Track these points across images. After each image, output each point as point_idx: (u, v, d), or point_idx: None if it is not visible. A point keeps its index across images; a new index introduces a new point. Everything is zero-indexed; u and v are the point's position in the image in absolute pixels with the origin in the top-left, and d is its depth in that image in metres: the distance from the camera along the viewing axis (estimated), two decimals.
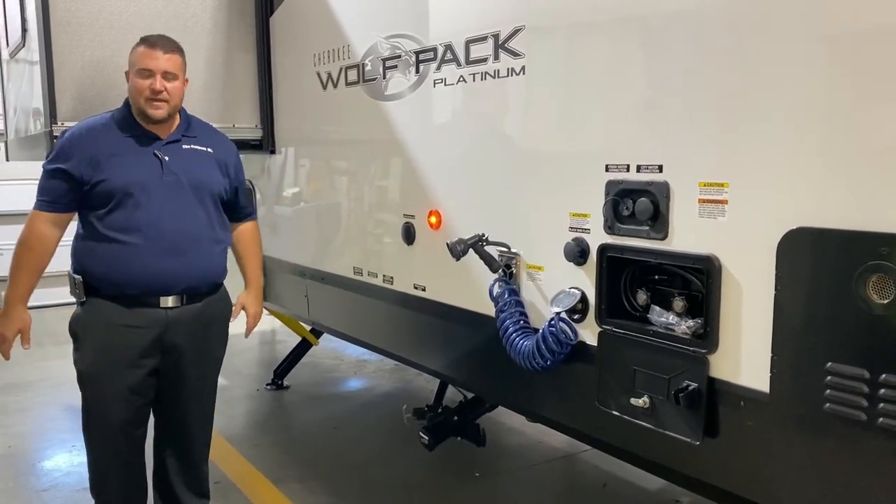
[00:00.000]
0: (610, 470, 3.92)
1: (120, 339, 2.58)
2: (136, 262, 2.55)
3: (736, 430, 1.72)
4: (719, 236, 1.70)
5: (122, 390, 2.63)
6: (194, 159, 2.70)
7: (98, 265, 2.57)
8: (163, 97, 2.56)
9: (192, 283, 2.67)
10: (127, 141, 2.60)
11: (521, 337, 2.16)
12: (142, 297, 2.59)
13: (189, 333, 2.69)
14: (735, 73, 1.66)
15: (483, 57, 2.31)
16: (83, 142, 2.57)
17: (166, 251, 2.59)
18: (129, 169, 2.56)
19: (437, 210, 2.60)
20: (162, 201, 2.58)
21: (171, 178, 2.60)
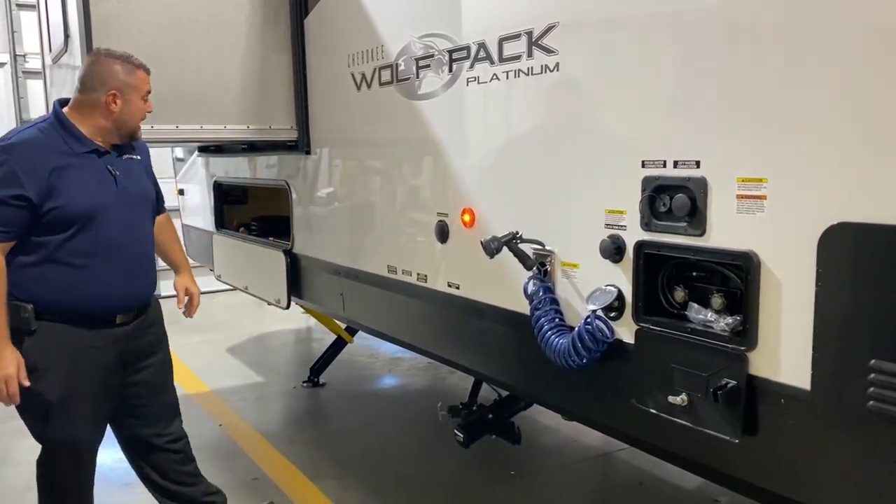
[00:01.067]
0: (646, 469, 3.90)
1: (88, 362, 2.53)
2: (99, 286, 2.53)
3: (776, 428, 1.70)
4: (758, 232, 1.67)
5: (93, 413, 2.65)
6: (134, 170, 2.72)
7: (54, 291, 2.47)
8: None
9: (147, 297, 2.76)
10: (81, 159, 2.50)
11: (557, 335, 2.15)
12: (101, 317, 2.58)
13: (143, 342, 2.76)
14: (774, 66, 1.63)
15: (516, 54, 2.30)
16: (36, 163, 2.40)
17: (125, 271, 2.61)
18: (89, 190, 2.49)
19: (471, 208, 2.60)
20: (118, 220, 2.57)
21: (123, 195, 2.60)
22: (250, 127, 3.56)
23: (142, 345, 2.75)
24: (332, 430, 4.69)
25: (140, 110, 2.62)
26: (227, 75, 3.46)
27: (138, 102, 2.60)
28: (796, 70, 1.59)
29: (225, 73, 3.45)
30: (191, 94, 3.38)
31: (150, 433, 2.87)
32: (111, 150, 2.61)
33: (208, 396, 5.24)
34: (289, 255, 3.96)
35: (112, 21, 3.19)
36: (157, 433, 2.88)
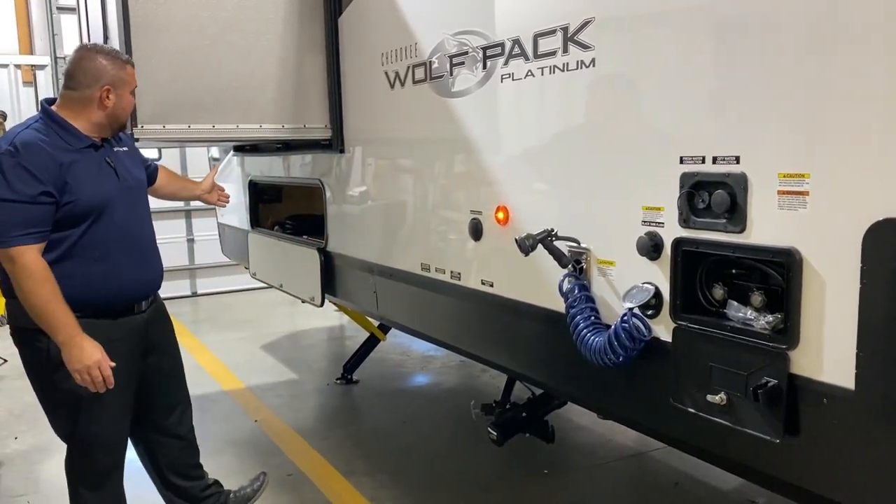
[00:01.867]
0: (682, 469, 3.86)
1: (113, 354, 2.54)
2: (121, 277, 2.60)
3: (818, 427, 1.66)
4: (800, 229, 1.64)
5: (122, 406, 2.71)
6: (128, 161, 2.78)
7: (75, 286, 2.48)
8: None
9: (159, 283, 2.85)
10: (81, 154, 2.54)
11: (593, 333, 2.13)
12: (123, 308, 2.65)
13: (159, 327, 2.88)
14: (816, 58, 1.60)
15: (552, 50, 2.29)
16: (45, 158, 2.42)
17: (139, 259, 2.69)
18: (96, 183, 2.53)
19: (505, 206, 2.59)
20: (125, 210, 2.64)
21: (125, 185, 2.67)
22: (285, 126, 3.59)
23: (157, 331, 2.86)
24: (365, 427, 4.72)
25: (130, 104, 2.71)
26: (262, 75, 3.49)
27: (129, 97, 2.67)
28: (839, 62, 1.56)
29: (260, 73, 3.49)
30: (227, 93, 3.42)
31: (159, 419, 2.94)
32: (103, 143, 2.66)
33: (243, 393, 5.30)
34: (323, 254, 3.99)
35: (150, 22, 3.23)
36: (165, 419, 2.96)
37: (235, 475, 3.62)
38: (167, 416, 2.97)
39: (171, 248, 7.48)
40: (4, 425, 4.71)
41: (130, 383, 2.73)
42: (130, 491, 2.89)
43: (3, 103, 8.13)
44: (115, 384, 2.58)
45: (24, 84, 8.22)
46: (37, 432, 4.45)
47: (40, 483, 3.86)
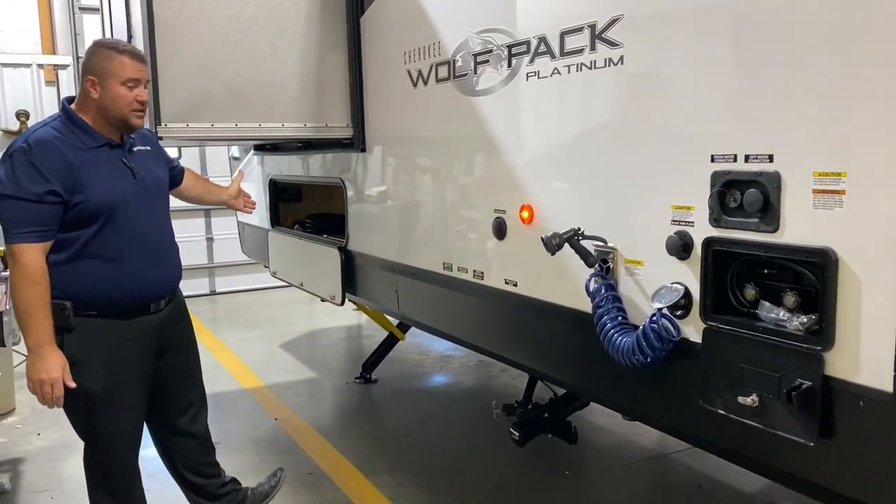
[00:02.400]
0: (705, 471, 3.83)
1: (128, 352, 2.58)
2: (133, 277, 2.58)
3: (854, 430, 1.64)
4: (836, 228, 1.62)
5: (136, 403, 2.72)
6: (147, 161, 2.76)
7: (89, 286, 2.50)
8: (145, 108, 2.62)
9: (176, 283, 2.83)
10: (96, 154, 2.53)
11: (620, 333, 2.11)
12: (136, 307, 2.64)
13: (176, 326, 2.85)
14: (850, 54, 1.58)
15: (579, 48, 2.27)
16: (56, 157, 2.42)
17: (154, 259, 2.67)
18: (108, 183, 2.52)
19: (529, 205, 2.57)
20: (142, 210, 2.62)
21: (142, 185, 2.65)
22: (307, 125, 3.59)
23: (174, 330, 2.84)
24: (385, 426, 4.72)
25: (120, 97, 2.52)
26: (284, 74, 3.50)
27: (116, 88, 2.52)
28: (876, 57, 1.53)
29: (283, 72, 3.49)
30: (250, 92, 3.42)
31: (174, 417, 2.95)
32: (121, 143, 2.64)
33: (263, 391, 5.32)
34: (343, 252, 3.99)
35: (174, 22, 3.24)
36: (180, 417, 2.96)
37: (256, 473, 3.62)
38: (182, 415, 2.97)
39: (190, 246, 7.52)
40: (28, 422, 4.75)
41: (143, 382, 2.74)
42: (153, 488, 2.90)
43: (25, 103, 8.21)
44: (127, 383, 2.62)
45: (47, 84, 8.28)
46: (60, 429, 4.48)
47: (63, 479, 3.89)
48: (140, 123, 2.62)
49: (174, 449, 3.00)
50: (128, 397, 2.67)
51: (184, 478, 3.04)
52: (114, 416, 2.65)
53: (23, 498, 3.73)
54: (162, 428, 2.96)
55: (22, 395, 5.14)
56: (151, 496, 2.93)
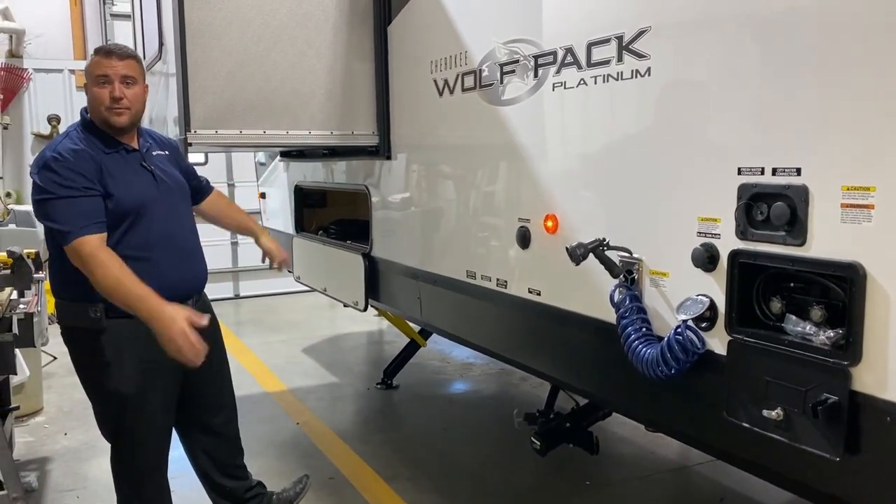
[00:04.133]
0: (727, 484, 3.80)
1: (159, 355, 2.49)
2: (162, 277, 2.56)
3: (881, 446, 1.62)
4: (864, 243, 1.61)
5: (165, 405, 2.74)
6: (166, 164, 2.78)
7: None
8: (123, 104, 2.53)
9: (202, 283, 2.85)
10: (114, 158, 2.57)
11: (644, 344, 2.11)
12: None
13: (203, 329, 2.74)
14: (878, 66, 1.57)
15: (605, 59, 2.28)
16: (84, 163, 2.47)
17: (182, 260, 2.69)
18: (132, 185, 2.56)
19: (554, 214, 2.58)
20: (166, 212, 2.64)
21: (164, 187, 2.68)
22: (334, 132, 3.63)
23: (202, 332, 2.72)
24: (406, 432, 4.73)
25: (94, 97, 2.54)
26: (312, 82, 3.54)
27: (92, 89, 2.54)
28: None
29: (310, 80, 3.53)
30: (278, 100, 3.47)
31: (204, 420, 2.97)
32: (137, 146, 2.67)
33: (285, 395, 5.36)
34: (367, 259, 4.02)
35: (205, 29, 3.30)
36: (210, 420, 2.99)
37: (278, 477, 3.66)
38: (212, 417, 3.00)
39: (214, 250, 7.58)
40: (54, 421, 4.83)
41: (172, 384, 2.75)
42: (177, 490, 2.94)
43: (56, 107, 8.38)
44: (157, 383, 2.64)
45: (78, 89, 8.43)
46: (86, 429, 4.55)
47: (89, 479, 3.95)
48: (120, 121, 2.55)
49: (202, 451, 3.02)
50: (157, 399, 2.69)
51: (211, 480, 3.06)
52: (142, 418, 2.67)
53: (49, 497, 3.79)
54: (190, 429, 2.99)
55: (49, 394, 5.24)
56: (176, 497, 2.96)
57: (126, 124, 2.59)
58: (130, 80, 2.57)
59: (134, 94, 2.59)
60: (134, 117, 2.61)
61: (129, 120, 2.59)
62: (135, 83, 2.59)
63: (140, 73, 2.63)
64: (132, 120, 2.61)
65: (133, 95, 2.58)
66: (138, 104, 2.62)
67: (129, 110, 2.57)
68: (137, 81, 2.61)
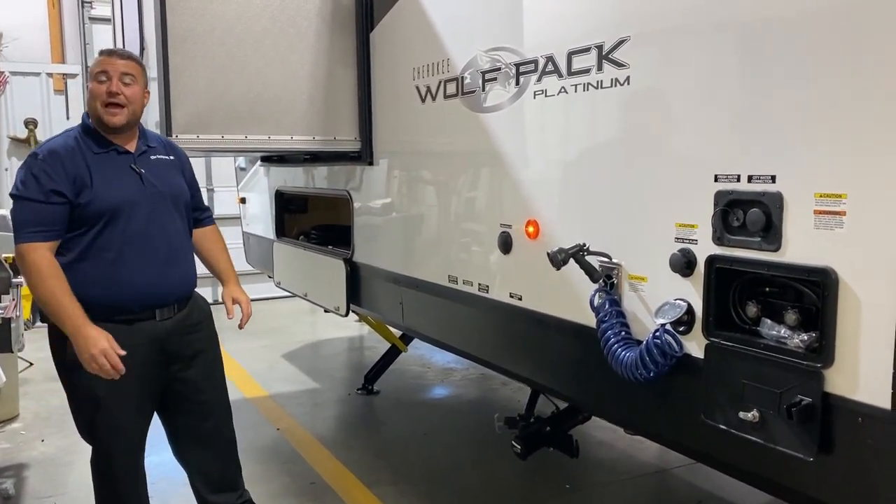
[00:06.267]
0: (705, 487, 3.85)
1: (129, 359, 2.53)
2: (134, 277, 2.57)
3: (853, 447, 1.67)
4: (837, 248, 1.66)
5: (136, 408, 2.70)
6: (164, 169, 2.76)
7: (91, 287, 2.53)
8: (119, 101, 2.55)
9: (183, 291, 2.79)
10: (102, 158, 2.59)
11: (624, 348, 2.15)
12: (141, 312, 2.63)
13: (185, 338, 2.78)
14: (851, 77, 1.62)
15: (586, 68, 2.32)
16: (64, 162, 2.51)
17: (159, 263, 2.66)
18: (113, 186, 2.57)
19: (535, 220, 2.62)
20: (148, 214, 2.63)
21: (152, 190, 2.66)
22: (316, 138, 3.64)
23: (185, 342, 2.78)
24: (387, 437, 4.74)
25: (91, 93, 2.59)
26: (294, 87, 3.55)
27: (91, 85, 2.60)
28: (876, 81, 1.58)
29: (293, 86, 3.54)
30: (260, 105, 3.48)
31: (188, 430, 2.91)
32: (133, 149, 2.67)
33: (266, 401, 5.34)
34: (349, 264, 4.03)
35: (187, 35, 3.30)
36: (198, 422, 2.91)
37: (258, 483, 3.65)
38: (200, 422, 2.91)
39: None
40: (31, 428, 4.78)
41: (145, 390, 2.71)
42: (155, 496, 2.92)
43: (34, 111, 8.29)
44: (128, 388, 2.60)
45: (56, 93, 8.36)
46: (64, 435, 4.51)
47: (67, 485, 3.91)
48: (114, 121, 2.57)
49: (189, 461, 2.96)
50: (127, 402, 2.65)
51: (199, 493, 2.99)
52: (113, 418, 2.65)
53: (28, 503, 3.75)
54: (177, 440, 2.94)
55: (26, 400, 5.18)
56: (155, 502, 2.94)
57: (120, 124, 2.60)
58: (129, 78, 2.60)
59: (132, 93, 2.60)
60: (130, 117, 2.62)
61: (124, 119, 2.59)
62: (134, 83, 2.61)
63: (140, 75, 2.66)
64: (128, 119, 2.61)
65: (131, 94, 2.60)
66: (136, 104, 2.63)
67: (124, 108, 2.58)
68: (137, 82, 2.63)
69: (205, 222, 3.08)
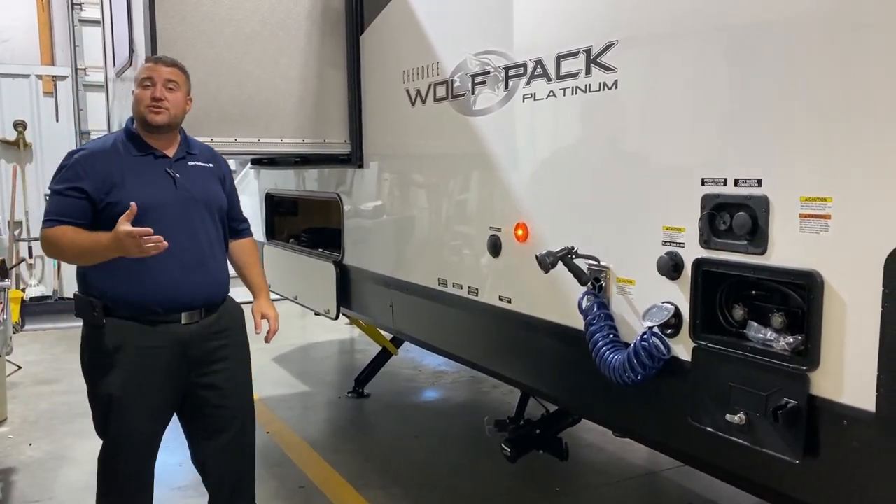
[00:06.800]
0: (694, 489, 3.85)
1: (148, 360, 2.59)
2: (161, 278, 2.59)
3: (839, 449, 1.68)
4: (822, 252, 1.67)
5: (151, 411, 2.68)
6: (200, 175, 2.79)
7: (119, 285, 2.58)
8: (163, 105, 2.63)
9: (211, 296, 2.78)
10: (137, 161, 2.66)
11: (612, 351, 2.15)
12: (165, 314, 2.64)
13: (212, 346, 2.76)
14: (836, 82, 1.63)
15: (574, 72, 2.33)
16: (96, 162, 2.60)
17: (187, 266, 2.66)
18: (144, 189, 2.60)
19: (524, 223, 2.62)
20: (178, 217, 2.64)
21: (185, 195, 2.69)
22: (306, 140, 3.64)
23: (210, 348, 2.75)
24: (377, 440, 4.73)
25: (136, 97, 2.67)
26: (284, 90, 3.55)
27: (136, 91, 2.69)
28: (861, 86, 1.59)
29: (283, 88, 3.55)
30: (249, 107, 3.48)
31: (212, 435, 2.85)
32: (171, 154, 2.72)
33: (256, 404, 5.29)
34: (339, 267, 4.03)
35: (176, 37, 3.30)
36: (218, 436, 2.86)
37: None
38: (209, 438, 2.86)
39: None
40: (19, 432, 4.74)
41: (164, 392, 2.69)
42: None
43: (23, 113, 8.26)
44: (145, 389, 2.61)
45: (45, 95, 8.33)
46: (52, 439, 4.49)
47: (55, 489, 3.89)
48: (157, 120, 2.64)
49: (206, 467, 2.91)
50: (142, 404, 2.65)
51: (213, 500, 2.95)
52: (127, 419, 2.65)
53: None
54: (194, 445, 2.91)
55: (14, 404, 5.15)
56: None
57: (162, 123, 2.66)
58: (173, 84, 2.68)
59: (175, 99, 2.68)
60: (172, 120, 2.68)
61: (166, 120, 2.66)
62: (177, 89, 2.69)
63: (184, 83, 2.74)
64: (169, 122, 2.68)
65: (174, 99, 2.68)
66: (178, 109, 2.70)
67: (167, 111, 2.65)
68: (180, 88, 2.71)
69: (242, 234, 3.09)
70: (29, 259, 8.18)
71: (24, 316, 7.61)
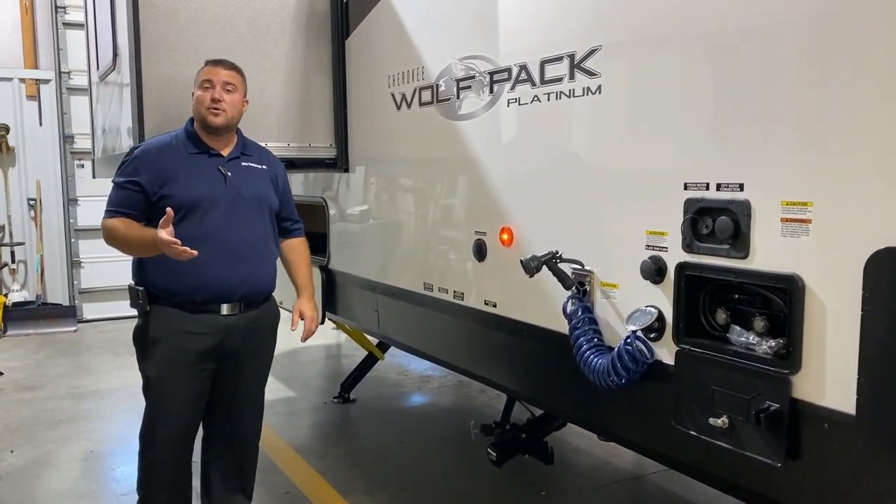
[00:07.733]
0: (680, 493, 3.86)
1: (184, 344, 2.76)
2: (203, 270, 2.70)
3: (820, 452, 1.69)
4: (803, 256, 1.68)
5: (185, 393, 2.82)
6: (252, 176, 2.90)
7: (164, 275, 2.73)
8: (221, 107, 2.77)
9: (251, 291, 2.87)
10: (192, 158, 2.81)
11: (596, 354, 2.16)
12: (204, 303, 2.76)
13: (246, 340, 2.88)
14: (817, 87, 1.65)
15: (558, 77, 2.34)
16: (152, 158, 2.76)
17: (229, 260, 2.77)
18: (195, 184, 2.76)
19: (509, 227, 2.63)
20: (225, 213, 2.77)
21: (234, 193, 2.81)
22: (291, 144, 3.63)
23: (243, 342, 2.87)
24: (363, 445, 4.71)
25: (196, 99, 2.81)
26: (269, 94, 3.54)
27: (196, 92, 2.83)
28: (841, 93, 1.60)
29: (268, 92, 3.53)
30: None
31: (222, 428, 3.00)
32: (226, 154, 2.85)
33: None
34: (324, 271, 4.01)
35: (160, 41, 3.28)
36: (226, 429, 3.01)
37: None
38: (225, 429, 3.01)
39: None
40: (1, 439, 4.69)
41: (197, 379, 2.82)
42: None
43: (5, 116, 8.17)
44: (178, 373, 2.77)
45: (28, 98, 8.25)
46: (34, 446, 4.44)
47: (36, 496, 3.84)
48: (216, 121, 2.77)
49: (211, 459, 3.05)
50: (178, 387, 2.79)
51: (210, 494, 3.07)
52: (162, 405, 2.80)
53: None
54: (204, 435, 3.03)
55: None
56: None
57: (220, 125, 2.79)
58: (231, 87, 2.82)
59: (232, 100, 2.81)
60: (229, 121, 2.82)
61: (224, 121, 2.79)
62: (235, 91, 2.83)
63: (241, 85, 2.88)
64: (227, 123, 2.81)
65: (231, 101, 2.81)
66: (235, 111, 2.83)
67: (225, 112, 2.78)
68: (238, 90, 2.84)
69: (294, 234, 3.19)
70: (11, 264, 8.10)
71: (6, 321, 7.56)
